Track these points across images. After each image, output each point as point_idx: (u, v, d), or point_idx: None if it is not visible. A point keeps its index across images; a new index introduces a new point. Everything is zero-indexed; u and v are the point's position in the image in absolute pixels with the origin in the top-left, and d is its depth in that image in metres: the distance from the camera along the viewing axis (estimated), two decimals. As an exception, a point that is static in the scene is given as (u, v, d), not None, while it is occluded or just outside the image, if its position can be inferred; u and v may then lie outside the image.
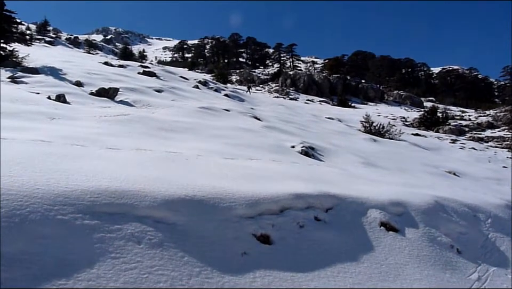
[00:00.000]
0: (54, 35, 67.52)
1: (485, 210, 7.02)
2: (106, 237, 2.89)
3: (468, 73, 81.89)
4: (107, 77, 17.86)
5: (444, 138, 25.11)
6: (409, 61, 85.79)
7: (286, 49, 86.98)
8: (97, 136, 6.39)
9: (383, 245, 4.57)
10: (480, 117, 36.08)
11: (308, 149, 9.99)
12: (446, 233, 5.53)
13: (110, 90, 13.41)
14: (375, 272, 3.96)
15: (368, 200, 5.42)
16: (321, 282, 3.45)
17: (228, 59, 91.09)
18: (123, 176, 3.85)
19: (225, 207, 3.89)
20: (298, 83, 54.09)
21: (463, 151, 21.35)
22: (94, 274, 2.52)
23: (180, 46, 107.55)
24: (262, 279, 3.19)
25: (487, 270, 5.07)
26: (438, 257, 4.80)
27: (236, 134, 9.81)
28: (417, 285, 4.03)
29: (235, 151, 7.46)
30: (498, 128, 30.40)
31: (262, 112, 19.23)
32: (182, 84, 24.08)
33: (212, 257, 3.19)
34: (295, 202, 4.59)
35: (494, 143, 25.47)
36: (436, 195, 6.73)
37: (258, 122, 14.10)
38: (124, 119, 8.89)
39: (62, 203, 3.00)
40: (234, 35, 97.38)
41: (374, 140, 17.12)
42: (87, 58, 32.66)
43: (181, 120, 10.17)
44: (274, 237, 3.90)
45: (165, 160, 5.38)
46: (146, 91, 16.21)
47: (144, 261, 2.82)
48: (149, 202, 3.43)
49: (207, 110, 13.42)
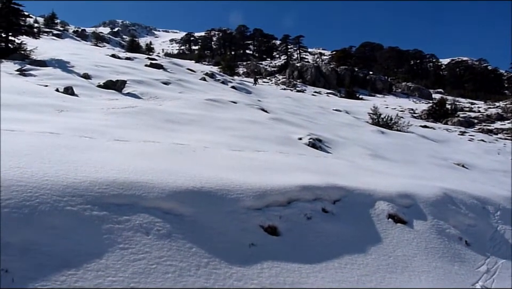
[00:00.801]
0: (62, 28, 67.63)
1: (494, 203, 6.97)
2: (114, 228, 2.91)
3: (478, 65, 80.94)
4: (114, 69, 17.90)
5: (452, 130, 24.90)
6: (418, 52, 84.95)
7: (293, 41, 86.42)
8: (105, 128, 6.41)
9: (391, 237, 4.56)
10: (490, 108, 35.70)
11: (315, 141, 9.95)
12: (455, 225, 5.50)
13: (117, 83, 13.44)
14: (383, 263, 3.96)
15: (376, 192, 5.40)
16: (328, 273, 3.45)
17: (235, 51, 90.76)
18: (131, 168, 3.86)
19: (233, 199, 3.89)
20: (305, 75, 53.78)
21: (472, 143, 21.15)
22: (103, 265, 2.54)
23: (186, 38, 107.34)
24: (270, 270, 3.19)
25: (495, 262, 5.04)
26: (447, 249, 4.78)
27: (242, 126, 9.80)
28: (425, 276, 4.02)
29: (242, 143, 7.46)
30: (508, 120, 30.06)
31: (269, 104, 19.18)
32: (189, 76, 24.07)
33: (220, 248, 3.21)
34: (302, 194, 4.59)
35: (504, 135, 25.21)
36: (444, 187, 6.68)
37: (265, 114, 14.07)
38: (131, 111, 8.91)
39: (71, 195, 3.02)
40: (241, 27, 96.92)
41: (382, 132, 17.02)
42: (94, 50, 32.75)
43: (188, 112, 10.18)
44: (281, 228, 3.91)
45: (173, 152, 5.40)
46: (154, 83, 16.23)
47: (152, 251, 2.83)
48: (157, 193, 3.45)
49: (214, 102, 13.41)
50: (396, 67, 73.61)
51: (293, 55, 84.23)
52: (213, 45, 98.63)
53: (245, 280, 2.95)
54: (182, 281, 2.67)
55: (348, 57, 66.80)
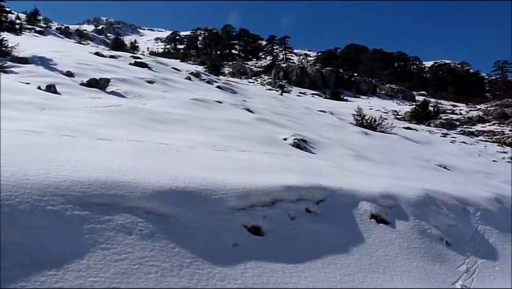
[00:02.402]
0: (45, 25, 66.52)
1: (474, 203, 7.10)
2: (96, 228, 2.88)
3: (460, 68, 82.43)
4: (98, 67, 17.68)
5: (435, 132, 25.27)
6: (402, 54, 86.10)
7: (279, 42, 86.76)
8: (88, 127, 6.33)
9: (374, 237, 4.61)
10: (471, 111, 36.30)
11: (300, 141, 10.00)
12: (436, 226, 5.59)
13: (101, 81, 13.28)
14: (365, 263, 4.00)
15: (359, 193, 5.45)
16: (311, 273, 3.47)
17: (221, 51, 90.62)
18: (114, 167, 3.83)
19: (217, 199, 3.89)
20: (291, 76, 53.98)
21: (453, 144, 21.51)
22: (84, 265, 2.51)
23: (172, 37, 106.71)
24: (253, 270, 3.20)
25: (475, 262, 5.14)
26: (428, 249, 4.86)
27: (227, 126, 9.78)
28: (407, 276, 4.08)
29: (227, 143, 7.45)
30: (488, 123, 30.61)
31: (254, 104, 19.19)
32: (174, 75, 23.93)
33: (203, 248, 3.20)
34: (286, 194, 4.61)
35: (484, 137, 25.67)
36: (426, 188, 6.79)
37: (250, 115, 14.07)
38: (115, 110, 8.82)
39: (52, 194, 2.98)
40: (227, 27, 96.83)
41: (366, 133, 17.18)
42: (78, 48, 32.27)
43: (172, 112, 10.12)
44: (265, 228, 3.92)
45: (156, 151, 5.36)
46: (138, 82, 16.09)
47: (134, 251, 2.81)
48: (140, 193, 3.42)
49: (199, 102, 13.36)
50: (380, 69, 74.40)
51: (278, 56, 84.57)
52: (199, 44, 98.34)
53: (228, 280, 2.95)
54: (165, 282, 2.66)
55: (333, 58, 67.31)
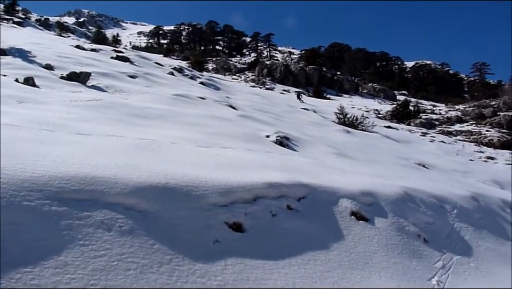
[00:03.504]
0: (23, 16, 64.85)
1: (451, 201, 7.26)
2: (74, 224, 2.83)
3: (440, 69, 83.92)
4: (79, 60, 17.35)
5: (414, 131, 25.70)
6: (384, 54, 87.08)
7: (263, 39, 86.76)
8: (67, 121, 6.22)
9: (353, 234, 4.67)
10: (450, 111, 37.05)
11: (283, 138, 10.04)
12: (414, 223, 5.70)
13: (81, 75, 13.04)
14: (345, 260, 4.05)
15: (340, 190, 5.51)
16: (291, 269, 3.49)
17: (205, 46, 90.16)
18: (93, 162, 3.77)
19: (198, 195, 3.87)
20: (274, 73, 54.10)
21: (432, 144, 21.93)
22: (61, 262, 2.47)
23: (155, 32, 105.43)
24: (233, 266, 3.20)
25: (451, 259, 5.26)
26: (406, 246, 4.95)
27: (210, 122, 9.75)
28: (385, 272, 4.15)
29: (209, 140, 7.42)
30: (466, 123, 31.29)
31: (238, 101, 19.17)
32: (157, 70, 23.67)
33: (184, 245, 3.18)
34: (268, 191, 4.62)
35: (462, 137, 26.25)
36: (405, 186, 6.90)
37: (233, 111, 14.05)
38: (95, 105, 8.68)
39: (29, 189, 2.92)
40: (211, 22, 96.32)
41: (348, 131, 17.36)
42: (58, 41, 31.59)
43: (154, 107, 10.02)
44: (246, 225, 3.92)
45: (137, 147, 5.30)
46: (120, 76, 15.86)
47: (113, 248, 2.78)
48: (120, 189, 3.38)
49: (181, 98, 13.27)
50: (363, 69, 75.16)
51: (262, 53, 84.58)
52: (183, 39, 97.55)
53: (208, 277, 2.95)
54: (144, 278, 2.64)
55: (316, 57, 67.67)
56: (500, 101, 34.77)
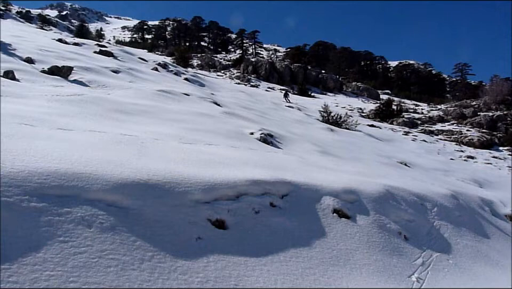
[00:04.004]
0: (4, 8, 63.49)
1: (431, 200, 7.39)
2: (54, 220, 2.79)
3: (423, 69, 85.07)
4: (61, 54, 17.05)
5: (397, 130, 26.02)
6: (369, 53, 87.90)
7: (249, 36, 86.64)
8: (48, 116, 6.11)
9: (335, 231, 4.71)
10: (432, 111, 37.57)
11: (267, 136, 10.06)
12: (395, 221, 5.78)
13: (63, 69, 12.80)
14: (326, 256, 4.09)
15: (323, 188, 5.55)
16: (273, 266, 3.51)
17: (190, 42, 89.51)
18: (74, 158, 3.71)
19: (181, 192, 3.85)
20: (260, 70, 54.07)
21: (414, 143, 22.25)
22: (40, 258, 2.44)
23: (139, 27, 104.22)
24: (216, 263, 3.20)
25: (431, 256, 5.36)
26: (387, 243, 5.02)
27: (194, 118, 9.70)
28: (366, 269, 4.20)
29: (193, 136, 7.39)
30: (448, 122, 31.79)
31: (222, 98, 19.11)
32: (141, 66, 23.43)
33: (166, 242, 3.17)
34: (251, 188, 4.63)
35: (444, 136, 26.68)
36: (386, 184, 6.99)
37: (218, 108, 14.00)
38: (77, 99, 8.54)
39: (7, 185, 2.87)
40: (196, 18, 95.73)
41: (331, 130, 17.49)
42: (39, 34, 30.98)
43: (138, 103, 9.92)
44: (229, 222, 3.92)
45: (120, 143, 5.24)
46: (103, 71, 15.64)
47: (94, 245, 2.75)
48: (101, 185, 3.34)
49: (165, 94, 13.15)
50: (348, 67, 75.66)
51: (248, 50, 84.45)
52: (167, 35, 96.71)
53: (190, 274, 2.94)
54: (125, 275, 2.62)
55: (302, 55, 67.92)
56: (480, 101, 35.38)
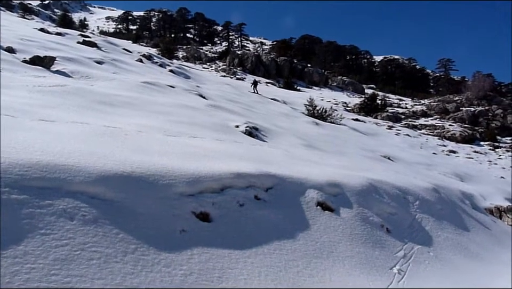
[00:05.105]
0: (-17, -4, 61.79)
1: (413, 193, 7.51)
2: (35, 213, 2.75)
3: (407, 64, 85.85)
4: (43, 44, 16.69)
5: (381, 124, 26.29)
6: (354, 48, 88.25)
7: (235, 28, 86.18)
8: (30, 107, 5.99)
9: (319, 224, 4.76)
10: (416, 105, 38.05)
11: (252, 129, 10.06)
12: (378, 214, 5.87)
13: (45, 59, 12.54)
14: (310, 249, 4.13)
15: (307, 181, 5.59)
16: (257, 259, 3.53)
17: (175, 34, 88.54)
18: (56, 150, 3.66)
19: (165, 184, 3.84)
20: (246, 63, 53.89)
21: (398, 137, 22.53)
22: (20, 251, 2.40)
23: (124, 17, 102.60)
24: (199, 256, 3.21)
25: (412, 248, 5.46)
26: (369, 236, 5.09)
27: (179, 111, 9.63)
28: (348, 261, 4.26)
29: (178, 129, 7.34)
30: (431, 117, 32.28)
31: (208, 91, 19.00)
32: (125, 57, 23.11)
33: (149, 235, 3.16)
34: (236, 181, 4.63)
35: (426, 131, 27.09)
36: (370, 178, 7.07)
37: (203, 101, 13.93)
38: (60, 90, 8.40)
39: (-13, 176, 2.81)
40: (182, 9, 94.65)
41: (316, 123, 17.57)
42: (21, 23, 30.27)
43: (122, 94, 9.80)
44: (214, 214, 3.92)
45: (103, 134, 5.18)
46: (86, 62, 15.38)
47: (76, 237, 2.72)
48: (84, 177, 3.30)
49: (150, 85, 13.02)
50: (333, 61, 75.92)
51: (234, 42, 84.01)
52: (152, 26, 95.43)
53: (173, 266, 2.94)
54: (108, 268, 2.60)
55: (288, 48, 67.79)
56: (463, 96, 35.96)
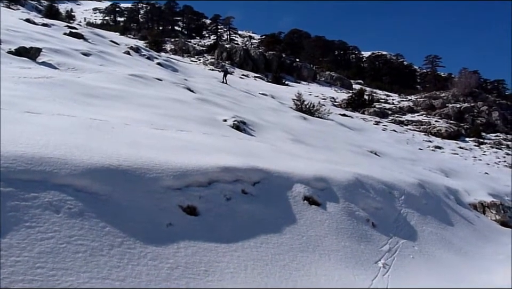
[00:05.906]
0: (-34, -16, 60.32)
1: (399, 188, 7.61)
2: (21, 205, 2.73)
3: (395, 59, 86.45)
4: (29, 35, 16.41)
5: (368, 120, 26.48)
6: (342, 43, 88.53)
7: (224, 22, 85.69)
8: (15, 99, 5.91)
9: (305, 218, 4.80)
10: (402, 101, 38.40)
11: (240, 123, 10.06)
12: (364, 208, 5.94)
13: (31, 50, 12.35)
14: (296, 243, 4.17)
15: (294, 175, 5.62)
16: (244, 252, 3.56)
17: (163, 26, 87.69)
18: (42, 142, 3.62)
19: (152, 178, 3.83)
20: (234, 57, 53.65)
21: (384, 132, 22.75)
22: (5, 244, 2.39)
23: (111, 9, 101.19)
24: (186, 249, 3.22)
25: (397, 242, 5.55)
26: (355, 230, 5.16)
27: (167, 104, 9.58)
28: (334, 255, 4.31)
29: (165, 122, 7.31)
30: (417, 113, 32.62)
31: (196, 84, 18.90)
32: (112, 49, 22.85)
33: (136, 228, 3.16)
34: (223, 175, 4.64)
35: (413, 127, 27.38)
36: (356, 172, 7.14)
37: (191, 94, 13.87)
38: (46, 82, 8.29)
39: (-30, 169, 2.78)
40: (170, 2, 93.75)
41: (304, 118, 17.63)
42: (6, 13, 29.69)
43: (108, 87, 9.71)
44: (201, 208, 3.94)
45: (89, 127, 5.14)
46: (73, 54, 15.18)
47: (62, 230, 2.71)
48: (70, 170, 3.28)
49: (137, 78, 12.91)
50: (321, 56, 76.03)
51: (222, 36, 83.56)
52: (140, 18, 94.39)
53: (160, 260, 2.95)
54: (94, 261, 2.60)
55: (276, 42, 67.76)
56: (449, 93, 36.38)
